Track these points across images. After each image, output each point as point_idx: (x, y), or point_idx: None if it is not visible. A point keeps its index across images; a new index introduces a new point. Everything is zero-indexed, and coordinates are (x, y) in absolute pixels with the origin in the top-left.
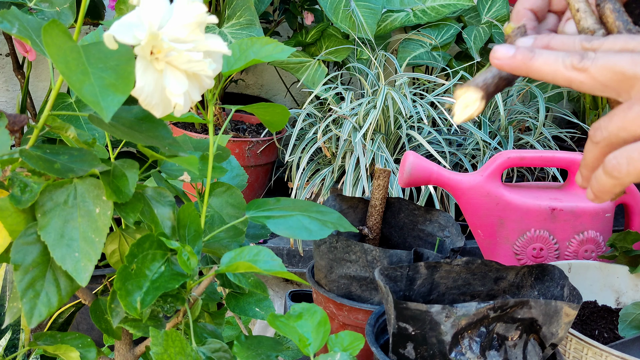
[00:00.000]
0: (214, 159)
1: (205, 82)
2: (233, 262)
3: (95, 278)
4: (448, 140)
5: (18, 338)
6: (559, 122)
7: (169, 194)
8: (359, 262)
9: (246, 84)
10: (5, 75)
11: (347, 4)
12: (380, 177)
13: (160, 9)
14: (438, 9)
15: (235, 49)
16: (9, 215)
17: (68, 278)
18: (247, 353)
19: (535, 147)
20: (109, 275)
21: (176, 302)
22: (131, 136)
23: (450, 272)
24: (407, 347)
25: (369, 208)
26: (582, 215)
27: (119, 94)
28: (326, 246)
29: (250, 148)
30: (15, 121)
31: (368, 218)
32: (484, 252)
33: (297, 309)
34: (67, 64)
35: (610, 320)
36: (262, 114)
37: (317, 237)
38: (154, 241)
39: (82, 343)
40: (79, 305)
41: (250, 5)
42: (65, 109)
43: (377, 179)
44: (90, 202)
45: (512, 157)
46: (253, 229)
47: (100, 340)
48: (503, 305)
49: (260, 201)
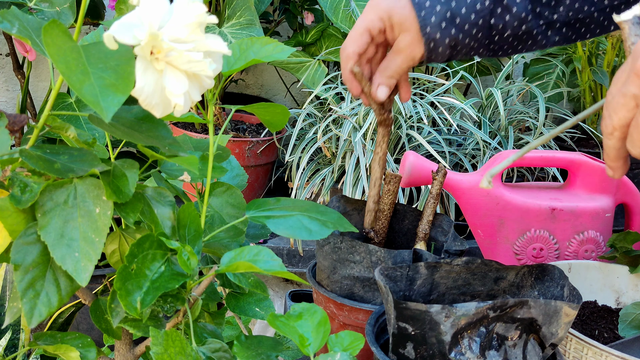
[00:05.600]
0: (214, 159)
1: (205, 82)
2: (233, 262)
3: (95, 278)
4: (448, 140)
5: (18, 338)
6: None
7: (169, 194)
8: (363, 262)
9: (246, 84)
10: (5, 75)
11: (347, 3)
12: (391, 182)
13: (160, 9)
14: None
15: (235, 49)
16: (9, 215)
17: (68, 278)
18: (247, 353)
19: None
20: (109, 275)
21: (176, 302)
22: (131, 136)
23: (450, 272)
24: (407, 347)
25: (377, 212)
26: (582, 215)
27: (119, 94)
28: (330, 247)
29: (250, 148)
30: (15, 121)
31: (375, 222)
32: (484, 252)
33: (297, 309)
34: (67, 64)
35: (610, 320)
36: (262, 114)
37: (317, 237)
38: (154, 241)
39: (82, 343)
40: (79, 305)
41: (250, 5)
42: (65, 109)
43: (388, 184)
44: (90, 202)
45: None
46: (253, 229)
47: (100, 340)
48: (503, 305)
49: (260, 201)
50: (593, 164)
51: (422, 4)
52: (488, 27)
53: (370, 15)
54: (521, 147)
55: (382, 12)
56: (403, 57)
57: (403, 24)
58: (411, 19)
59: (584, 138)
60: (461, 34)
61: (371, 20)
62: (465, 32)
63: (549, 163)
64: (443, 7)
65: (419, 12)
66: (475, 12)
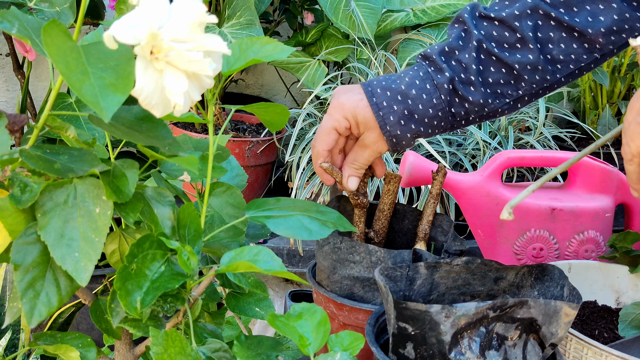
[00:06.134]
0: (214, 159)
1: (205, 82)
2: (233, 262)
3: (95, 278)
4: (448, 140)
5: (18, 338)
6: (559, 122)
7: (169, 194)
8: (363, 263)
9: (246, 84)
10: (5, 75)
11: (347, 4)
12: (391, 182)
13: (160, 9)
14: (438, 9)
15: (235, 49)
16: (9, 215)
17: (68, 278)
18: (247, 353)
19: (535, 147)
20: (109, 275)
21: (176, 302)
22: (131, 136)
23: (450, 272)
24: (406, 347)
25: (377, 212)
26: (582, 215)
27: (119, 94)
28: (330, 247)
29: (250, 148)
30: (15, 121)
31: (375, 222)
32: (484, 252)
33: (297, 309)
34: (67, 64)
35: (610, 320)
36: (262, 114)
37: (317, 237)
38: (154, 241)
39: (82, 343)
40: (79, 305)
41: (250, 5)
42: (65, 109)
43: (388, 184)
44: (90, 202)
45: (512, 157)
46: (253, 229)
47: (100, 340)
48: (502, 305)
49: (260, 201)
50: (593, 164)
51: (380, 104)
52: (450, 115)
53: (336, 115)
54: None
55: (346, 112)
56: (370, 151)
57: (366, 123)
58: (373, 119)
59: (584, 138)
60: (422, 127)
61: (337, 119)
62: (427, 124)
63: (549, 163)
64: (400, 105)
65: (376, 112)
66: (432, 106)
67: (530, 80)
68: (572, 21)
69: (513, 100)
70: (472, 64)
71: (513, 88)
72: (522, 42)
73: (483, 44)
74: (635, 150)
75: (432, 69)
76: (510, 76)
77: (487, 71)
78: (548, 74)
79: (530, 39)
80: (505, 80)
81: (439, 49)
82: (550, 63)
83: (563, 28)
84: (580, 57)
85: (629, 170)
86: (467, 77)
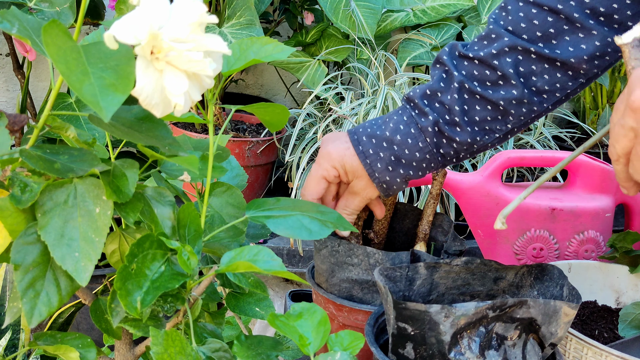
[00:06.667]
0: (214, 159)
1: (205, 82)
2: (233, 262)
3: (95, 278)
4: None
5: (18, 338)
6: (559, 122)
7: (169, 194)
8: (361, 265)
9: (246, 84)
10: (5, 75)
11: (347, 4)
12: None
13: (160, 9)
14: (438, 9)
15: (235, 49)
16: (9, 215)
17: (68, 278)
18: (247, 353)
19: (535, 147)
20: (109, 275)
21: (176, 302)
22: (131, 136)
23: (449, 272)
24: (406, 347)
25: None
26: (582, 215)
27: (119, 94)
28: (328, 250)
29: (250, 148)
30: (15, 121)
31: (375, 223)
32: (484, 252)
33: (297, 309)
34: (67, 64)
35: (610, 320)
36: (262, 114)
37: (317, 237)
38: (154, 241)
39: (82, 343)
40: (79, 305)
41: (250, 5)
42: (65, 109)
43: None
44: (90, 202)
45: (512, 157)
46: (253, 229)
47: (100, 340)
48: (502, 305)
49: (260, 201)
50: (593, 164)
51: (367, 152)
52: (439, 155)
53: (324, 165)
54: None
55: (334, 162)
56: (360, 198)
57: (355, 172)
58: (360, 167)
59: (584, 138)
60: (411, 170)
61: (326, 169)
62: (416, 167)
63: (549, 163)
64: (386, 152)
65: (364, 160)
66: (418, 150)
67: (517, 113)
68: (553, 53)
69: (503, 134)
70: (454, 105)
71: (501, 123)
72: (504, 79)
73: (465, 84)
74: (620, 151)
75: (416, 112)
76: (497, 112)
77: (473, 110)
78: (535, 105)
79: (511, 75)
80: (492, 117)
81: (421, 92)
82: (536, 95)
83: (545, 60)
84: (566, 84)
85: (616, 170)
86: (451, 119)
